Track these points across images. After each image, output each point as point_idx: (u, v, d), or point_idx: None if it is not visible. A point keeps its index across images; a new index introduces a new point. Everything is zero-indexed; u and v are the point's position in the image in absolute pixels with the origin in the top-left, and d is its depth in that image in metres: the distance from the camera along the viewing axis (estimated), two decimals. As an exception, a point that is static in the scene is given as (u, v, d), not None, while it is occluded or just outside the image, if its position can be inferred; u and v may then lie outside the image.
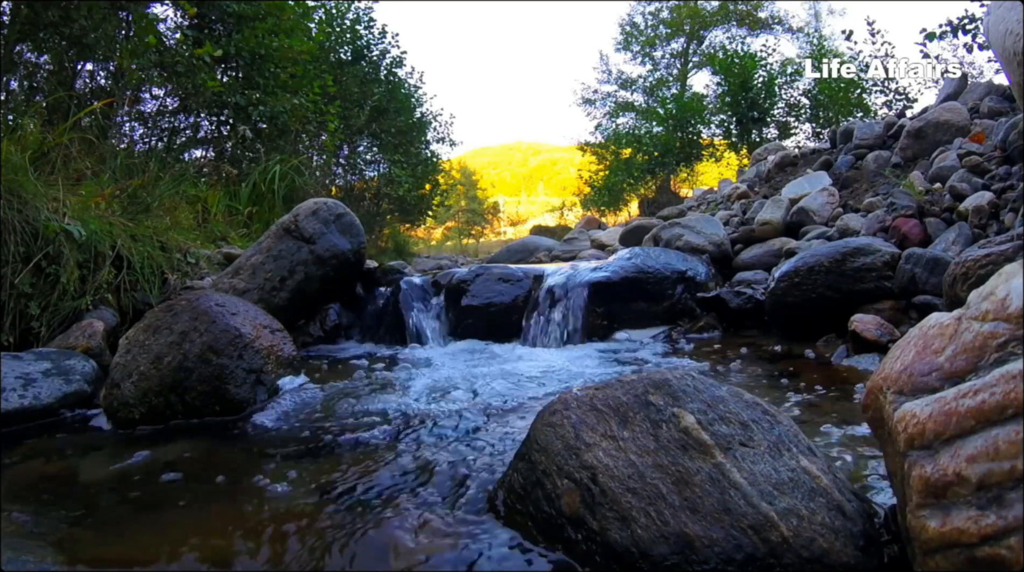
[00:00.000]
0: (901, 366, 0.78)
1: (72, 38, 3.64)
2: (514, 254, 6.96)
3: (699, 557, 0.76)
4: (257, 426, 1.57)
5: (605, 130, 14.53)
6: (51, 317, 2.13)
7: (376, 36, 9.41)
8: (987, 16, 2.18)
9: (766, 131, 10.99)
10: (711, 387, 0.98)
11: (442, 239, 20.79)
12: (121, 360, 1.69)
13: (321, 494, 1.11)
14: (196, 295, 1.86)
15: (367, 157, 9.72)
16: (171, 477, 1.22)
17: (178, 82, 4.31)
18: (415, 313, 2.84)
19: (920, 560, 0.67)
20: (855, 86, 9.67)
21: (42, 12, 3.45)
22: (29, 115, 3.05)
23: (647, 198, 11.82)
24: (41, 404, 1.70)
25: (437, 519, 0.99)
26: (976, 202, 2.45)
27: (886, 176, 3.60)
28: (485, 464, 1.19)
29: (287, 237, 2.74)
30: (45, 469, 1.32)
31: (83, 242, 2.23)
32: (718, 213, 4.59)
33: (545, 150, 50.76)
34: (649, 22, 17.03)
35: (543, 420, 0.99)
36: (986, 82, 4.43)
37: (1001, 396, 0.62)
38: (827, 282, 2.20)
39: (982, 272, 1.72)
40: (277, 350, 1.93)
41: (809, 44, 14.94)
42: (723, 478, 0.83)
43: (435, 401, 1.74)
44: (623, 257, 2.99)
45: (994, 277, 0.74)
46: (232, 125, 4.92)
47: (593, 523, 0.83)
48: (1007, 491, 0.59)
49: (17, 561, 0.86)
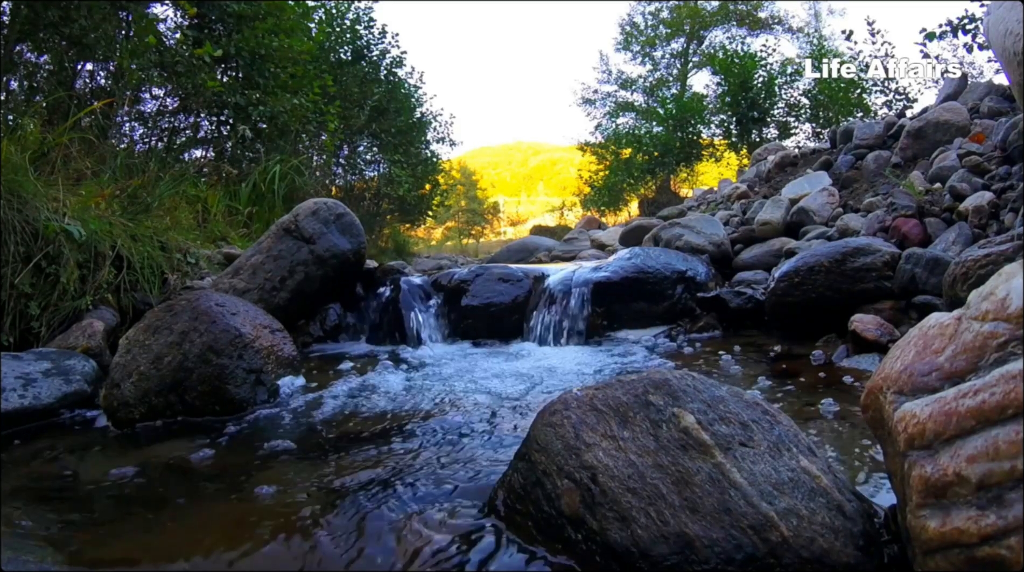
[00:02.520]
0: (901, 366, 0.78)
1: (72, 38, 3.64)
2: (514, 254, 6.96)
3: (699, 557, 0.76)
4: (257, 426, 1.57)
5: (605, 130, 14.54)
6: (51, 317, 2.13)
7: (376, 36, 9.42)
8: (987, 16, 2.18)
9: (766, 131, 11.00)
10: (711, 387, 0.98)
11: (442, 239, 20.80)
12: (121, 360, 1.69)
13: (321, 494, 1.11)
14: (196, 295, 1.86)
15: (367, 157, 9.72)
16: (171, 477, 1.22)
17: (178, 82, 4.31)
18: (415, 313, 2.83)
19: (920, 560, 0.67)
20: (855, 86, 9.68)
21: (42, 12, 3.45)
22: (29, 115, 3.05)
23: (647, 198, 11.82)
24: (41, 404, 1.70)
25: (437, 519, 0.99)
26: (976, 202, 2.45)
27: (886, 176, 3.60)
28: (485, 464, 1.19)
29: (287, 237, 2.74)
30: (45, 469, 1.31)
31: (83, 242, 2.23)
32: (718, 213, 4.59)
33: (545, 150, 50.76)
34: (649, 22, 17.04)
35: (543, 420, 0.98)
36: (986, 82, 4.43)
37: (1001, 396, 0.62)
38: (827, 282, 2.20)
39: (982, 272, 1.72)
40: (277, 350, 1.93)
41: (809, 44, 14.95)
42: (723, 478, 0.83)
43: (435, 401, 1.74)
44: (623, 257, 2.99)
45: (994, 277, 0.74)
46: (232, 125, 4.92)
47: (593, 523, 0.83)
48: (1007, 491, 0.59)
49: (17, 561, 0.86)
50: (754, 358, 2.10)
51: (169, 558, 0.91)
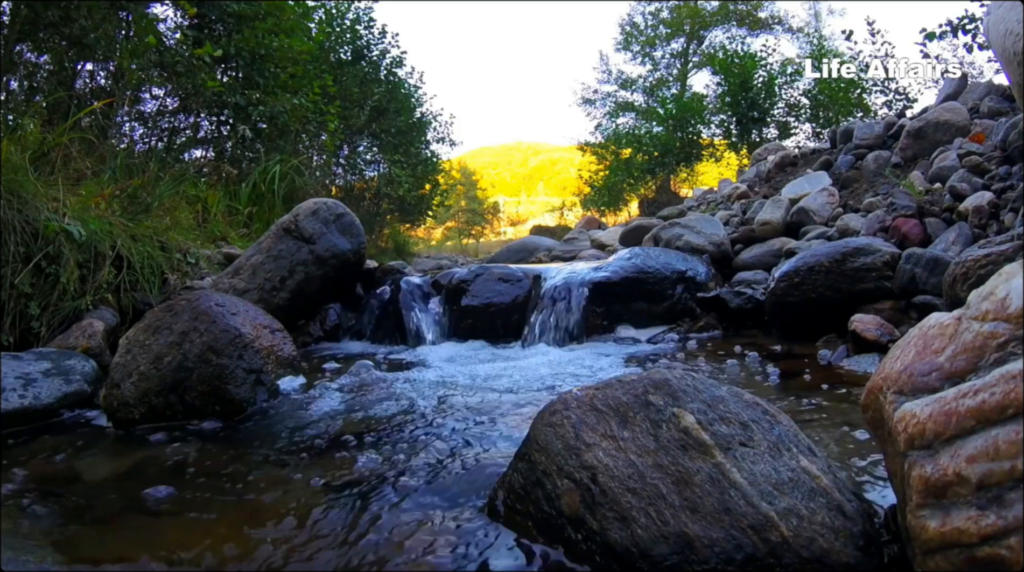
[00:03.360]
0: (901, 366, 0.78)
1: (72, 38, 3.64)
2: (514, 254, 6.96)
3: (699, 557, 0.76)
4: (257, 426, 1.57)
5: (605, 130, 14.54)
6: (51, 317, 2.13)
7: (376, 36, 9.42)
8: (987, 16, 2.18)
9: (766, 131, 11.00)
10: (711, 387, 0.98)
11: (442, 239, 20.80)
12: (121, 360, 1.68)
13: (321, 494, 1.11)
14: (196, 295, 1.86)
15: (367, 157, 9.73)
16: (170, 477, 1.22)
17: (178, 82, 4.31)
18: (415, 313, 2.83)
19: (920, 560, 0.67)
20: (855, 86, 9.68)
21: (42, 12, 3.45)
22: (29, 115, 3.05)
23: (647, 198, 11.82)
24: (41, 404, 1.69)
25: (437, 519, 0.99)
26: (976, 202, 2.45)
27: (886, 176, 3.60)
28: (485, 464, 1.19)
29: (287, 237, 2.74)
30: (45, 469, 1.31)
31: (83, 242, 2.23)
32: (718, 213, 4.59)
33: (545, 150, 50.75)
34: (649, 22, 17.04)
35: (543, 420, 0.98)
36: (986, 82, 4.43)
37: (1001, 396, 0.62)
38: (827, 282, 2.20)
39: (982, 272, 1.72)
40: (277, 350, 1.93)
41: (809, 44, 14.96)
42: (723, 478, 0.83)
43: (434, 401, 1.74)
44: (623, 257, 2.99)
45: (994, 277, 0.74)
46: (232, 125, 4.93)
47: (593, 523, 0.83)
48: (1007, 491, 0.59)
49: (17, 561, 0.86)
50: (754, 358, 2.10)
51: (169, 558, 0.91)
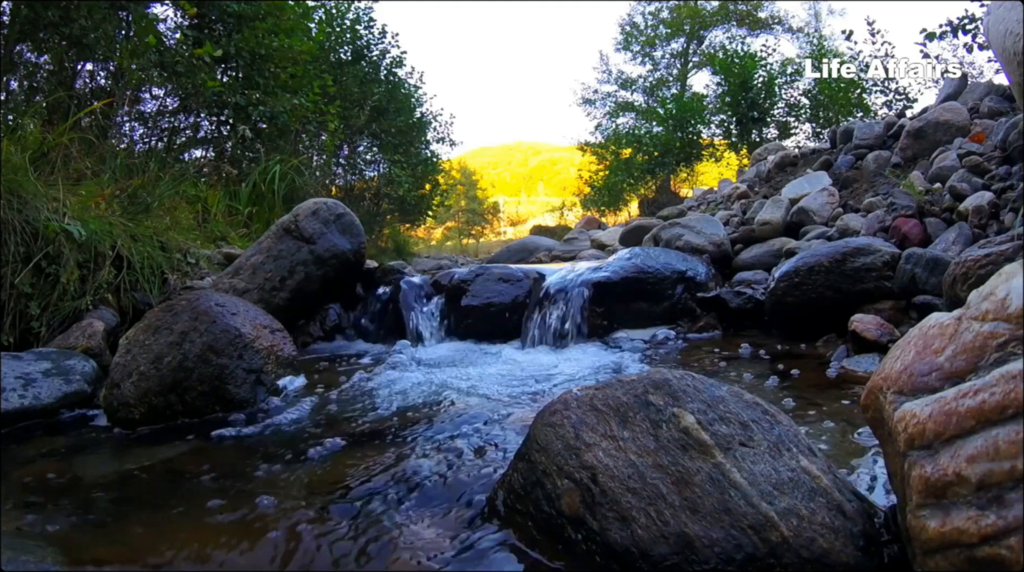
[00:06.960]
0: (901, 366, 0.78)
1: (72, 38, 3.64)
2: (514, 254, 6.96)
3: (699, 557, 0.76)
4: (257, 426, 1.57)
5: (605, 130, 14.55)
6: (51, 317, 2.13)
7: (376, 36, 9.42)
8: (987, 16, 2.18)
9: (766, 131, 11.00)
10: (711, 387, 0.98)
11: (442, 239, 20.80)
12: (121, 360, 1.68)
13: (320, 494, 1.11)
14: (196, 295, 1.86)
15: (367, 157, 9.72)
16: (171, 477, 1.22)
17: (178, 82, 4.31)
18: (415, 313, 2.83)
19: (920, 560, 0.67)
20: (855, 86, 9.67)
21: (42, 12, 3.45)
22: (29, 115, 3.05)
23: (647, 198, 11.82)
24: (41, 404, 1.70)
25: (437, 519, 0.99)
26: (976, 202, 2.45)
27: (886, 176, 3.60)
28: (485, 464, 1.19)
29: (287, 237, 2.74)
30: (45, 469, 1.31)
31: (83, 242, 2.23)
32: (718, 213, 4.59)
33: (545, 150, 50.74)
34: (649, 22, 17.04)
35: (543, 420, 0.98)
36: (986, 82, 4.43)
37: (1001, 396, 0.62)
38: (827, 282, 2.20)
39: (982, 272, 1.72)
40: (277, 350, 1.93)
41: (809, 44, 14.96)
42: (723, 478, 0.83)
43: (434, 401, 1.74)
44: (623, 257, 2.99)
45: (994, 277, 0.74)
46: (232, 125, 4.92)
47: (593, 523, 0.83)
48: (1007, 491, 0.59)
49: (17, 561, 0.86)
50: (754, 358, 2.10)
51: (169, 558, 0.91)
